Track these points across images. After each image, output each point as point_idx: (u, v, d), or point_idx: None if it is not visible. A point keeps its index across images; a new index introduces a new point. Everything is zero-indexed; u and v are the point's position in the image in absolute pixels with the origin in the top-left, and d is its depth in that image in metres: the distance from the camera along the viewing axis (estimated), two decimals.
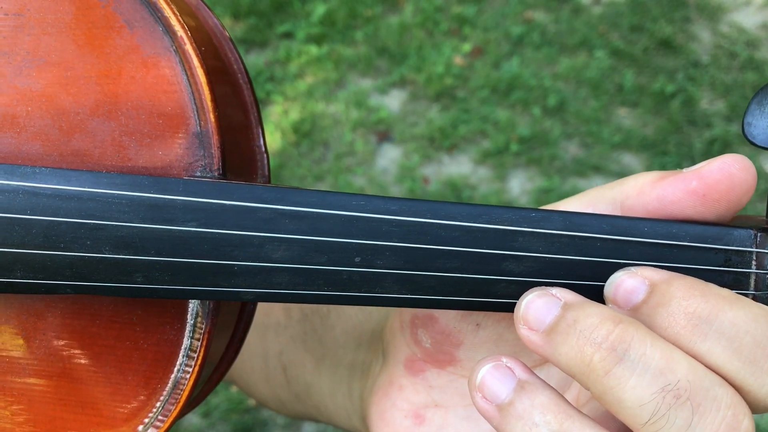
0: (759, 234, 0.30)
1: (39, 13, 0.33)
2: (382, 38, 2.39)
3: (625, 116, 2.25)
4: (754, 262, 0.30)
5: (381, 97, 2.28)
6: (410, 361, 0.39)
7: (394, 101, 2.27)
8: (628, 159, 2.15)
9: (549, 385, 0.29)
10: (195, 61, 0.32)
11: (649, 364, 0.27)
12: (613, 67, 2.34)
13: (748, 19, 2.49)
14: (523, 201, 2.07)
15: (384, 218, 0.30)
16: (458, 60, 2.35)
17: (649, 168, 2.13)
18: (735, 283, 0.31)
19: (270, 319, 0.55)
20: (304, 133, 2.20)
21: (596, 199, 0.33)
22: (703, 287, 0.28)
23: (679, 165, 2.14)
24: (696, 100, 2.28)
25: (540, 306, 0.29)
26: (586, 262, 0.30)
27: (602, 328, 0.27)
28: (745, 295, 0.31)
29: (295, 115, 2.23)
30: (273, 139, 2.18)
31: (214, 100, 0.32)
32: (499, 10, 2.48)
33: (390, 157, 2.16)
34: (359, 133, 2.19)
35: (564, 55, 2.37)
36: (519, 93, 2.26)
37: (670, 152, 2.16)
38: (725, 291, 0.28)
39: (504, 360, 0.30)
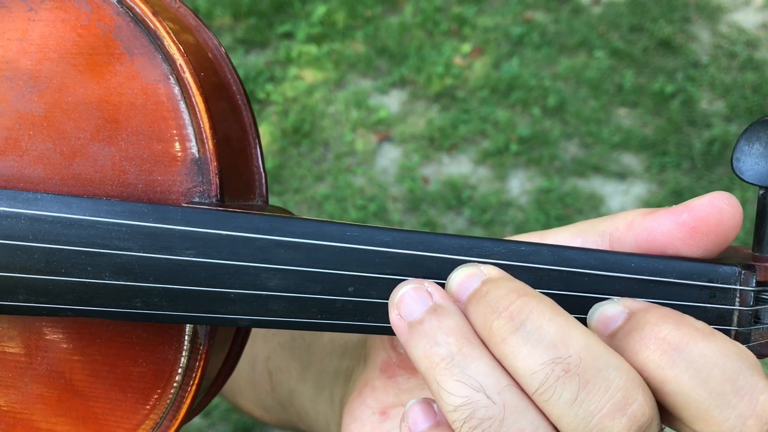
0: (743, 271, 0.31)
1: (41, 39, 0.34)
2: (382, 38, 2.39)
3: (624, 116, 2.25)
4: (737, 299, 0.31)
5: (381, 97, 2.28)
6: (386, 365, 0.41)
7: (394, 101, 2.27)
8: (628, 159, 2.15)
9: (462, 314, 0.30)
10: (194, 89, 0.33)
11: (543, 336, 0.28)
12: (612, 67, 2.35)
13: (748, 19, 2.49)
14: (523, 201, 2.08)
15: (377, 250, 0.31)
16: (458, 60, 2.36)
17: (648, 168, 2.14)
18: (718, 318, 0.31)
19: None
20: (304, 133, 2.20)
21: (586, 231, 0.34)
22: (678, 317, 0.29)
23: (678, 165, 2.15)
24: (696, 100, 2.29)
25: (464, 278, 0.31)
26: (572, 296, 0.31)
27: (506, 299, 0.29)
28: (728, 330, 0.31)
29: (295, 115, 2.24)
30: (273, 139, 2.19)
31: (212, 127, 0.33)
32: (499, 10, 2.48)
33: (390, 157, 2.16)
34: (359, 133, 2.20)
35: (564, 55, 2.37)
36: (519, 93, 2.26)
37: (669, 152, 2.16)
38: (700, 323, 0.29)
39: (426, 284, 0.31)
